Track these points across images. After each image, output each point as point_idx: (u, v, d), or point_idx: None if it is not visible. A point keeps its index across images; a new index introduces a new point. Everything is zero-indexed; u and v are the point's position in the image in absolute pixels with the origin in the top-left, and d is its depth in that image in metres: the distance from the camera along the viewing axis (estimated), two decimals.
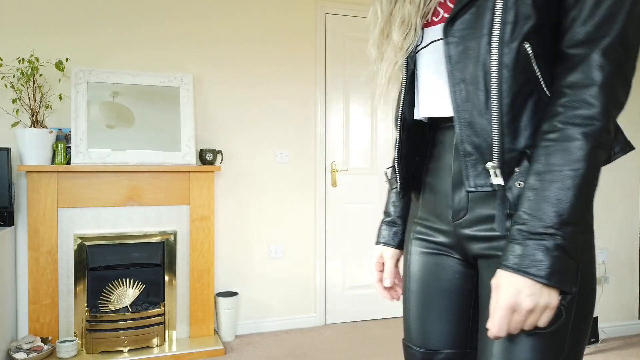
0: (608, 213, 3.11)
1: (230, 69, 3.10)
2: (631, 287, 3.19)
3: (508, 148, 0.77)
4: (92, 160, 2.71)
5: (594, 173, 0.72)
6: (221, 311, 2.98)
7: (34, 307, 2.64)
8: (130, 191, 2.79)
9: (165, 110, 2.89)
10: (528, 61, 0.76)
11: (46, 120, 2.74)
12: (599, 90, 0.71)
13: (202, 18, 3.04)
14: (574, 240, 0.72)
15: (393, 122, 0.97)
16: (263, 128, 3.18)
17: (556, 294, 0.72)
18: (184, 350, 2.71)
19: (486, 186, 0.80)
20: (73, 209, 2.71)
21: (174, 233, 2.87)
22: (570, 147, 0.72)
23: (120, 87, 2.82)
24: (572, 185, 0.71)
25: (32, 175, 2.62)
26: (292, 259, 3.26)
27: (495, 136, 0.77)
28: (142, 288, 2.80)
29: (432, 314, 0.95)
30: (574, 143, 0.72)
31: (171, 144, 2.88)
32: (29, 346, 2.53)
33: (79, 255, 2.71)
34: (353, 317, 3.39)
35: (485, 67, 0.78)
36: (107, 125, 2.80)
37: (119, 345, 2.66)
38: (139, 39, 2.93)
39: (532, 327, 0.74)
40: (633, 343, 3.00)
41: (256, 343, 2.97)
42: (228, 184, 3.11)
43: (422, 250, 0.97)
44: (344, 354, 2.80)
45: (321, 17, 3.27)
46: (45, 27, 2.77)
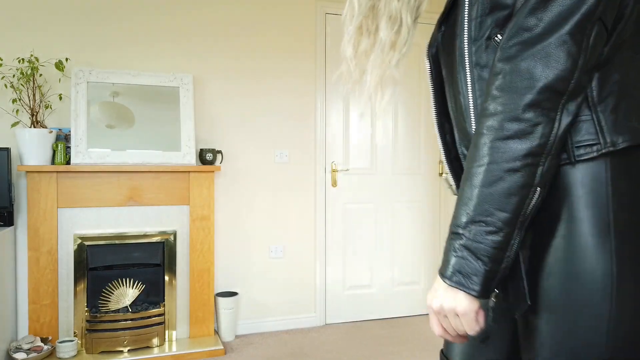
0: None
1: (230, 69, 3.10)
2: None
3: None
4: (92, 160, 2.71)
5: (504, 166, 0.67)
6: (221, 311, 2.98)
7: (34, 307, 2.64)
8: (130, 191, 2.79)
9: (165, 110, 2.89)
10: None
11: (46, 120, 2.74)
12: (503, 78, 0.69)
13: (202, 18, 3.04)
14: (480, 239, 0.69)
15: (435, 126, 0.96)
16: (263, 128, 3.18)
17: (464, 297, 0.70)
18: (184, 350, 2.71)
19: None
20: (73, 209, 2.71)
21: (174, 233, 2.87)
22: (478, 143, 0.71)
23: (120, 87, 2.82)
24: (478, 182, 0.69)
25: (32, 175, 2.62)
26: (292, 259, 3.26)
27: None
28: (142, 288, 2.80)
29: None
30: (480, 139, 0.70)
31: (171, 144, 2.88)
32: (29, 346, 2.53)
33: (79, 255, 2.71)
34: (353, 317, 3.39)
35: (463, 68, 0.78)
36: (107, 125, 2.80)
37: (119, 345, 2.66)
38: (139, 39, 2.93)
39: (462, 333, 0.72)
40: None
41: (256, 343, 2.97)
42: (228, 183, 3.11)
43: None
44: (344, 354, 2.80)
45: (321, 17, 3.27)
46: (45, 27, 2.77)
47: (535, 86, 0.66)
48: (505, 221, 0.68)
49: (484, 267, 0.69)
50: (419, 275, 3.56)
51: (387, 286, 3.46)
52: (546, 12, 0.67)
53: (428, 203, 3.57)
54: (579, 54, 0.66)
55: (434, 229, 3.59)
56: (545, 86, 0.66)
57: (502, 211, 0.68)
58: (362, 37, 0.89)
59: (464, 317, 0.70)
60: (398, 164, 3.48)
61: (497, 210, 0.68)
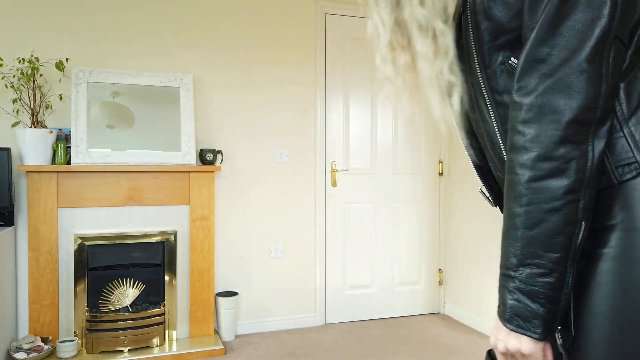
0: None
1: (230, 69, 3.11)
2: None
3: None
4: (93, 160, 2.71)
5: (544, 207, 0.66)
6: (221, 311, 2.98)
7: (34, 307, 2.64)
8: (130, 191, 2.79)
9: (165, 110, 2.90)
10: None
11: (46, 120, 2.74)
12: (527, 113, 0.67)
13: (201, 18, 3.04)
14: (534, 282, 0.67)
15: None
16: (263, 128, 3.19)
17: (528, 341, 0.69)
18: (184, 350, 2.71)
19: None
20: (73, 209, 2.71)
21: (174, 233, 2.87)
22: (512, 182, 0.69)
23: (120, 87, 2.83)
24: (520, 224, 0.68)
25: (33, 175, 2.62)
26: (292, 259, 3.26)
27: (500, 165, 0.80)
28: (142, 288, 2.80)
29: None
30: (514, 178, 0.69)
31: (171, 144, 2.88)
32: (29, 346, 2.53)
33: (79, 255, 2.71)
34: (353, 317, 3.39)
35: (482, 96, 0.77)
36: (107, 126, 2.80)
37: (119, 345, 2.67)
38: (139, 39, 2.93)
39: None
40: None
41: (256, 343, 2.97)
42: (228, 183, 3.11)
43: None
44: (344, 354, 2.80)
45: (321, 17, 3.27)
46: (46, 27, 2.77)
47: (561, 121, 0.64)
48: (556, 262, 0.67)
49: (542, 309, 0.67)
50: (419, 275, 3.57)
51: (387, 286, 3.47)
52: (557, 39, 0.64)
53: (428, 203, 3.57)
54: (601, 80, 0.63)
55: (434, 229, 3.59)
56: (571, 120, 0.64)
57: (551, 252, 0.66)
58: (397, 53, 0.86)
59: (531, 357, 0.69)
60: (398, 164, 3.48)
61: (546, 252, 0.67)
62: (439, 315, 3.57)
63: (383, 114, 3.41)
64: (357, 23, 3.31)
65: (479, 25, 0.74)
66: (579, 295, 0.70)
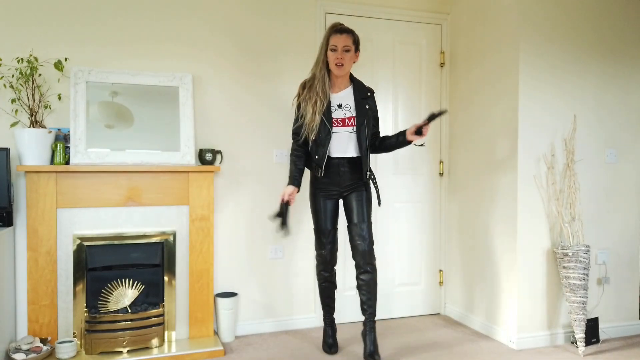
0: (609, 213, 3.10)
1: (230, 69, 3.10)
2: (631, 288, 3.18)
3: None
4: (91, 160, 2.70)
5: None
6: (221, 312, 2.97)
7: (33, 307, 2.63)
8: (129, 191, 2.78)
9: (164, 110, 2.89)
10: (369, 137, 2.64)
11: (45, 120, 2.73)
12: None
13: (201, 18, 3.03)
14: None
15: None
16: (263, 127, 3.18)
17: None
18: (183, 351, 2.70)
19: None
20: (72, 209, 2.70)
21: (174, 233, 2.87)
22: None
23: (119, 86, 2.82)
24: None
25: (31, 175, 2.61)
26: (292, 260, 3.25)
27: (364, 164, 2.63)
28: (141, 288, 2.79)
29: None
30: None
31: (170, 144, 2.87)
32: (28, 347, 2.52)
33: (78, 255, 2.70)
34: (353, 317, 3.38)
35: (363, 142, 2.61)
36: (106, 125, 2.79)
37: (118, 345, 2.66)
38: (138, 39, 2.92)
39: None
40: (634, 344, 2.99)
41: (256, 344, 2.96)
42: (228, 184, 3.10)
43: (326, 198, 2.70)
44: (344, 354, 2.79)
45: (321, 17, 3.26)
46: (44, 27, 2.76)
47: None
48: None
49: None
50: (419, 275, 3.56)
51: (387, 287, 3.46)
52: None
53: (428, 203, 3.56)
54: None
55: (434, 229, 3.58)
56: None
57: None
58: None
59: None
60: (398, 164, 3.47)
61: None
62: (439, 316, 3.55)
63: (383, 114, 3.40)
64: (357, 23, 3.30)
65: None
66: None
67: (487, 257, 3.14)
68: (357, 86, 2.66)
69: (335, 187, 2.66)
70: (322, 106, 2.53)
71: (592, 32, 3.01)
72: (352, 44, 2.56)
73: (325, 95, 2.55)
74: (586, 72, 3.01)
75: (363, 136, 2.59)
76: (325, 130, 2.56)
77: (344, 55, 2.53)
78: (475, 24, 3.27)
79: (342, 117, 2.60)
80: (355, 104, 2.61)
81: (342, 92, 2.63)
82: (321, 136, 2.56)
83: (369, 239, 2.61)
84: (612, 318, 3.12)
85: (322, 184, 2.68)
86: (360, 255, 2.60)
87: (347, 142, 2.61)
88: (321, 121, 2.54)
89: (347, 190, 2.66)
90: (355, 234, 2.61)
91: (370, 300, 2.62)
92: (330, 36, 2.55)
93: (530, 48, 2.87)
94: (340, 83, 2.63)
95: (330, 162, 2.62)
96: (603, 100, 3.05)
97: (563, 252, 2.81)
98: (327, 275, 2.79)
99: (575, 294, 2.77)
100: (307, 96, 2.57)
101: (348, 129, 2.60)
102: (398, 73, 3.45)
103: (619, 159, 3.11)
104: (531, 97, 2.88)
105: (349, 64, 2.57)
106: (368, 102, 2.64)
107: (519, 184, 2.87)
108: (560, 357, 2.75)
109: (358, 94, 2.63)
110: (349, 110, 2.60)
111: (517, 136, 2.87)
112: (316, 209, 2.71)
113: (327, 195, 2.69)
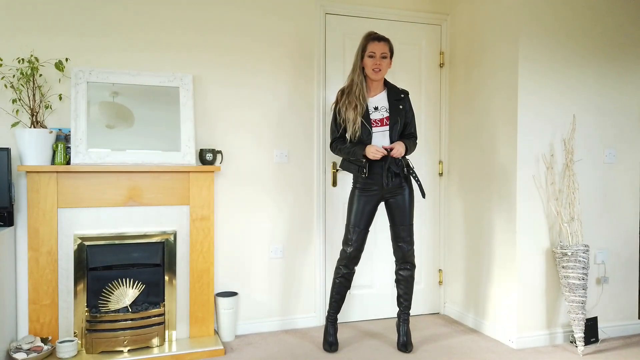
0: (608, 213, 3.11)
1: (230, 69, 3.10)
2: (630, 287, 3.19)
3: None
4: (92, 161, 2.71)
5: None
6: (221, 311, 2.98)
7: (34, 307, 2.64)
8: (130, 191, 2.79)
9: (165, 110, 2.89)
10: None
11: (46, 121, 2.74)
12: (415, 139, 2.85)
13: (201, 18, 3.04)
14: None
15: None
16: (263, 127, 3.18)
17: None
18: (183, 351, 2.71)
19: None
20: (73, 209, 2.71)
21: (174, 233, 2.87)
22: (413, 143, 2.82)
23: (120, 87, 2.82)
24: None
25: (32, 175, 2.62)
26: (292, 259, 3.26)
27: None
28: (142, 288, 2.80)
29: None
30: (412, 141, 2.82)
31: (171, 144, 2.88)
32: (29, 346, 2.53)
33: (78, 255, 2.71)
34: (353, 317, 3.39)
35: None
36: (107, 126, 2.80)
37: (118, 345, 2.66)
38: (138, 39, 2.93)
39: None
40: (633, 343, 3.00)
41: (256, 343, 2.97)
42: (228, 183, 3.11)
43: (366, 199, 2.78)
44: (343, 354, 2.80)
45: (321, 17, 3.27)
46: (45, 27, 2.77)
47: (415, 146, 2.87)
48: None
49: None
50: (419, 276, 3.56)
51: (387, 286, 3.46)
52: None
53: (428, 203, 3.57)
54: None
55: (434, 228, 3.59)
56: (415, 147, 2.89)
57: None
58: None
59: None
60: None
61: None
62: (439, 316, 3.56)
63: None
64: (357, 23, 3.31)
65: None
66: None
67: (487, 256, 3.15)
68: (390, 89, 2.82)
69: (377, 187, 2.74)
70: (362, 109, 2.70)
71: (591, 33, 3.02)
72: (389, 51, 2.75)
73: (364, 98, 2.73)
74: (585, 72, 3.02)
75: (394, 133, 2.74)
76: (365, 131, 2.72)
77: (381, 61, 2.72)
78: (474, 24, 3.28)
79: (380, 118, 2.75)
80: (389, 105, 2.76)
81: (377, 96, 2.79)
82: (363, 137, 2.72)
83: (410, 239, 2.81)
84: (611, 317, 3.13)
85: (366, 184, 2.76)
86: (402, 254, 2.81)
87: (382, 140, 2.74)
88: (362, 123, 2.69)
89: (390, 192, 2.76)
90: (397, 235, 2.80)
91: (407, 294, 2.85)
92: (368, 43, 2.73)
93: (530, 49, 2.88)
94: (376, 87, 2.80)
95: (372, 161, 2.69)
96: (602, 100, 3.07)
97: (562, 252, 2.82)
98: (346, 272, 2.83)
99: (575, 294, 2.78)
100: (347, 101, 2.74)
101: (384, 127, 2.75)
102: (398, 73, 3.46)
103: (618, 159, 3.12)
104: (530, 96, 2.89)
105: (385, 69, 2.76)
106: (402, 102, 2.80)
107: (518, 184, 2.88)
108: (560, 356, 2.76)
109: (392, 96, 2.79)
110: (385, 111, 2.76)
111: (516, 136, 2.88)
112: (354, 206, 2.78)
113: (368, 196, 2.76)
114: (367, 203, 2.76)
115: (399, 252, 2.81)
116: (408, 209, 2.78)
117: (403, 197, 2.77)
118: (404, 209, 2.77)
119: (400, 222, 2.78)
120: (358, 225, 2.75)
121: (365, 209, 2.76)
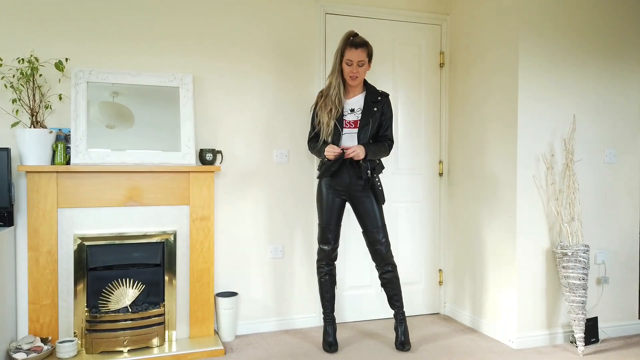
0: (608, 213, 3.11)
1: (230, 69, 3.10)
2: (631, 287, 3.19)
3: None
4: (92, 161, 2.71)
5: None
6: (221, 311, 2.98)
7: (34, 307, 2.64)
8: (130, 191, 2.79)
9: (165, 110, 2.89)
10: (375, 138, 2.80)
11: (46, 121, 2.74)
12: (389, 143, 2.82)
13: (201, 18, 3.04)
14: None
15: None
16: (263, 128, 3.18)
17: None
18: (183, 351, 2.71)
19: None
20: (73, 209, 2.71)
21: (174, 233, 2.87)
22: (382, 147, 2.79)
23: (120, 87, 2.82)
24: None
25: (32, 175, 2.62)
26: (292, 259, 3.26)
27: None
28: (142, 288, 2.80)
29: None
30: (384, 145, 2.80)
31: (171, 144, 2.88)
32: (29, 346, 2.53)
33: (78, 255, 2.71)
34: (353, 317, 3.39)
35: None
36: (107, 126, 2.80)
37: (118, 345, 2.66)
38: (139, 39, 2.93)
39: None
40: (633, 343, 3.00)
41: (256, 343, 2.96)
42: (228, 184, 3.11)
43: (334, 196, 2.82)
44: (343, 354, 2.80)
45: (321, 17, 3.27)
46: (45, 27, 2.77)
47: (390, 150, 2.89)
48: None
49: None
50: (419, 275, 3.56)
51: None
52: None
53: (428, 203, 3.57)
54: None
55: (434, 229, 3.59)
56: (390, 150, 2.90)
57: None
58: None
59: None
60: (398, 163, 3.48)
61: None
62: (439, 316, 3.56)
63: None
64: (357, 23, 3.31)
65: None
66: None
67: (487, 256, 3.15)
68: (369, 91, 2.81)
69: (342, 186, 2.77)
70: (337, 113, 2.73)
71: (591, 32, 3.02)
72: (366, 57, 2.72)
73: (340, 102, 2.74)
74: (585, 72, 3.02)
75: (363, 135, 2.73)
76: (337, 132, 2.75)
77: (358, 69, 2.71)
78: (474, 24, 3.28)
79: (354, 120, 2.76)
80: (364, 106, 2.76)
81: (355, 98, 2.80)
82: (334, 138, 2.75)
83: (385, 242, 2.79)
84: (611, 317, 3.13)
85: (331, 182, 2.79)
86: (380, 257, 2.80)
87: (350, 141, 2.74)
88: (334, 125, 2.73)
89: (355, 192, 2.77)
90: (372, 240, 2.79)
91: (396, 294, 2.85)
92: (345, 50, 2.70)
93: (530, 48, 2.88)
94: (355, 89, 2.81)
95: (337, 161, 2.72)
96: (602, 100, 3.06)
97: (562, 252, 2.82)
98: (328, 269, 2.86)
99: (575, 294, 2.78)
100: (323, 104, 2.76)
101: (355, 129, 2.74)
102: (398, 73, 3.46)
103: (618, 159, 3.12)
104: (530, 97, 2.89)
105: (362, 75, 2.76)
106: (378, 105, 2.77)
107: (518, 184, 2.88)
108: (560, 356, 2.76)
109: (369, 98, 2.78)
110: (360, 113, 2.75)
111: (516, 136, 2.88)
112: (323, 205, 2.83)
113: (334, 193, 2.80)
114: (334, 200, 2.80)
115: (377, 256, 2.79)
116: (377, 211, 2.76)
117: (370, 200, 2.76)
118: (372, 211, 2.76)
119: (372, 225, 2.76)
120: (330, 223, 2.81)
121: (333, 205, 2.80)
